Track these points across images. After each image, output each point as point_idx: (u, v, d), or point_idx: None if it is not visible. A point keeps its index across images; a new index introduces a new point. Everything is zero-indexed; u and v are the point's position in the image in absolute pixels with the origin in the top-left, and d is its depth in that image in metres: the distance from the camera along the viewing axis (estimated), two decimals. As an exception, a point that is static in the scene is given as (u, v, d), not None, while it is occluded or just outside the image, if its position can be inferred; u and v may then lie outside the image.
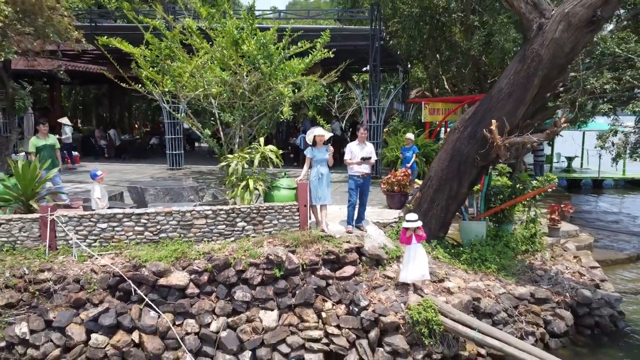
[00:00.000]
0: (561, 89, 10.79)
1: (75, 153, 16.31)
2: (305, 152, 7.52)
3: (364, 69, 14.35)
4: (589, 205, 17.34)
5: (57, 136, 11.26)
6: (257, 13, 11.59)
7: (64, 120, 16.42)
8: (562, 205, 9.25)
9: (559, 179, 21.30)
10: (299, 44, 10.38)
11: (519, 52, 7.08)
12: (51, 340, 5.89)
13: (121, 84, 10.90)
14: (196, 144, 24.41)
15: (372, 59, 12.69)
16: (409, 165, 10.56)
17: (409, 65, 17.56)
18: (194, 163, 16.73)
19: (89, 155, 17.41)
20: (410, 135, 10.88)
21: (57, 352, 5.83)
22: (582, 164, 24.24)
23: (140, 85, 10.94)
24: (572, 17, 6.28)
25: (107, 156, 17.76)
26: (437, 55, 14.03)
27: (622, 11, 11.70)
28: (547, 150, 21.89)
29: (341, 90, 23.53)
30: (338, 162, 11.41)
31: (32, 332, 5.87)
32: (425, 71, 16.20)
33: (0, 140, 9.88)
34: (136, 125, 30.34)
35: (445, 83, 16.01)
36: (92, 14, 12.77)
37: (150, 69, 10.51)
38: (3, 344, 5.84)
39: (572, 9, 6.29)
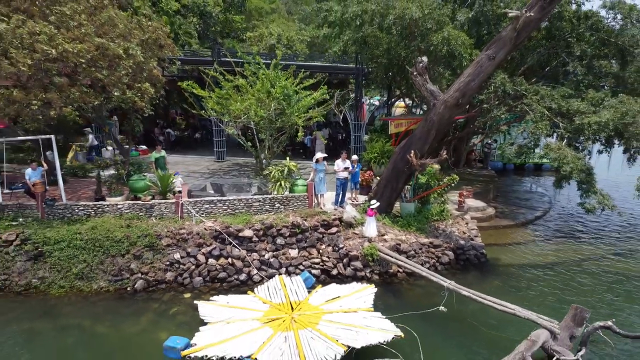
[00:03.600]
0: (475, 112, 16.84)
1: (143, 147, 22.56)
2: (312, 166, 13.66)
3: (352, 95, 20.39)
4: (519, 186, 23.32)
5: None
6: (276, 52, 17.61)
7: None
8: (464, 192, 15.42)
9: (508, 163, 27.39)
10: (306, 86, 16.46)
11: (425, 115, 13.10)
12: (190, 262, 12.25)
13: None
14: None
15: (355, 88, 18.79)
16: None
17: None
18: (229, 155, 22.83)
19: (151, 147, 23.54)
20: (354, 157, 15.36)
21: (193, 267, 12.18)
22: (533, 150, 30.02)
23: (203, 111, 17.16)
24: (447, 101, 12.26)
25: (164, 149, 23.93)
26: (405, 81, 19.87)
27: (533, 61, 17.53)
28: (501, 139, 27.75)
29: (341, 90, 29.40)
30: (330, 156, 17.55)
31: (181, 257, 12.23)
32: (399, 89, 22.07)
33: (124, 151, 16.09)
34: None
35: (415, 98, 21.92)
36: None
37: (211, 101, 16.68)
38: (167, 263, 12.21)
39: (447, 98, 12.26)
